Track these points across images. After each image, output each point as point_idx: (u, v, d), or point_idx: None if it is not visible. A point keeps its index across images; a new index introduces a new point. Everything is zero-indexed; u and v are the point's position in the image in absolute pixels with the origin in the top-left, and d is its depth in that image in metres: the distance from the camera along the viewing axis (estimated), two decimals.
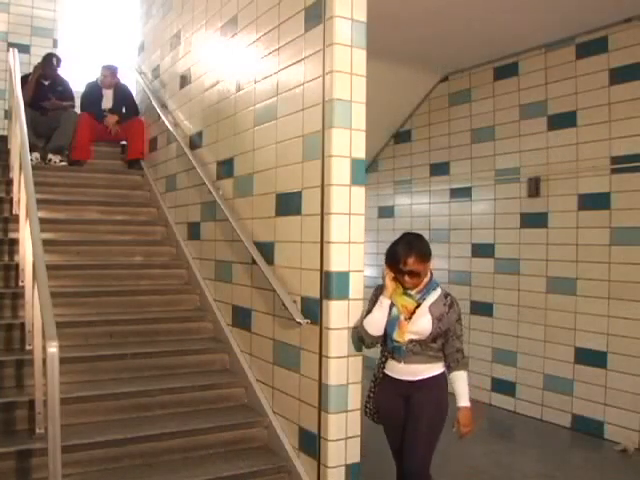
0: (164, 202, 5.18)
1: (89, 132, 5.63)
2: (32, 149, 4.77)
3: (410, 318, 2.62)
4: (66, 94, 5.84)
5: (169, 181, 5.11)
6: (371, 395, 2.86)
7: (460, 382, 2.65)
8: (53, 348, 2.21)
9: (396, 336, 2.64)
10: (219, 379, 3.67)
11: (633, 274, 4.12)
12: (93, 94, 5.89)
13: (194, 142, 4.63)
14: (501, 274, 5.11)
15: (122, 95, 5.96)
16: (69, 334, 3.52)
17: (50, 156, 5.40)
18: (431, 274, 2.72)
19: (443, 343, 2.65)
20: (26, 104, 5.16)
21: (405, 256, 2.60)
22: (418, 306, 2.63)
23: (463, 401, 2.64)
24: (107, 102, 5.90)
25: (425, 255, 2.65)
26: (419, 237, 2.71)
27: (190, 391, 3.47)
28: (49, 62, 5.76)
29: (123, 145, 5.92)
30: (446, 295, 2.69)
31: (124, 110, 5.90)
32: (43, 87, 5.70)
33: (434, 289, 2.69)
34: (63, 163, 5.45)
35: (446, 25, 4.40)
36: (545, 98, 4.75)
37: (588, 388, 4.38)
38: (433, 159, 5.83)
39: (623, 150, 4.21)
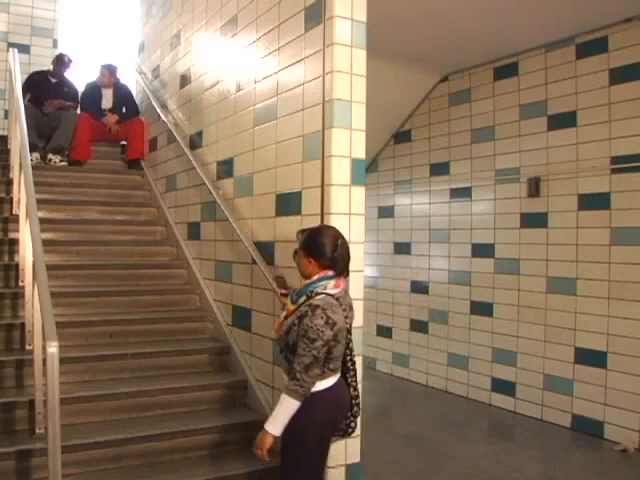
0: (164, 202, 5.18)
1: (89, 132, 5.63)
2: (32, 149, 4.78)
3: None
4: (71, 95, 5.86)
5: (169, 181, 5.11)
6: None
7: (278, 404, 2.31)
8: (53, 348, 2.21)
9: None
10: (219, 379, 3.67)
11: (633, 274, 4.11)
12: (93, 94, 5.89)
13: (194, 142, 4.63)
14: (501, 274, 5.11)
15: (122, 95, 5.96)
16: (69, 334, 3.52)
17: (50, 156, 5.40)
18: (318, 280, 2.38)
19: None
20: (31, 100, 5.23)
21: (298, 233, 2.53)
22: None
23: (266, 423, 2.31)
24: (107, 102, 5.90)
25: (304, 245, 2.43)
26: (321, 231, 2.47)
27: (190, 391, 3.47)
28: (61, 61, 5.79)
29: (123, 145, 5.92)
30: (308, 305, 2.31)
31: (124, 110, 5.90)
32: (50, 85, 5.72)
33: (306, 295, 2.37)
34: (63, 163, 5.45)
35: (446, 25, 4.40)
36: (545, 98, 4.75)
37: (588, 388, 4.38)
38: (433, 159, 5.82)
39: (623, 150, 4.21)
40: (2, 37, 6.69)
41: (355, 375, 2.52)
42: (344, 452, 2.91)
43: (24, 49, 6.57)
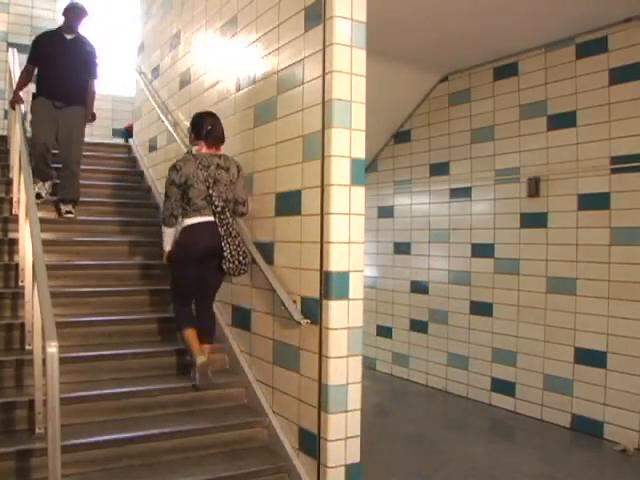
0: None
1: None
2: (43, 177, 4.56)
3: None
4: (92, 57, 4.93)
5: None
6: None
7: None
8: (53, 348, 2.21)
9: None
10: (219, 379, 3.66)
11: (633, 274, 4.11)
12: None
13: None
14: (501, 274, 5.11)
15: None
16: (69, 334, 3.52)
17: (62, 206, 4.68)
18: (191, 147, 3.58)
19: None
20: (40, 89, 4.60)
21: None
22: None
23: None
24: None
25: (190, 123, 3.55)
26: (202, 115, 3.53)
27: (190, 391, 3.47)
28: (76, 11, 4.89)
29: None
30: None
31: None
32: (66, 44, 4.78)
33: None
34: (70, 215, 4.65)
35: (446, 25, 4.40)
36: (545, 98, 4.75)
37: (588, 388, 4.38)
38: (433, 159, 5.83)
39: (623, 150, 4.21)
40: (2, 37, 6.70)
41: (223, 219, 3.32)
42: (344, 452, 2.91)
43: (24, 49, 6.57)
